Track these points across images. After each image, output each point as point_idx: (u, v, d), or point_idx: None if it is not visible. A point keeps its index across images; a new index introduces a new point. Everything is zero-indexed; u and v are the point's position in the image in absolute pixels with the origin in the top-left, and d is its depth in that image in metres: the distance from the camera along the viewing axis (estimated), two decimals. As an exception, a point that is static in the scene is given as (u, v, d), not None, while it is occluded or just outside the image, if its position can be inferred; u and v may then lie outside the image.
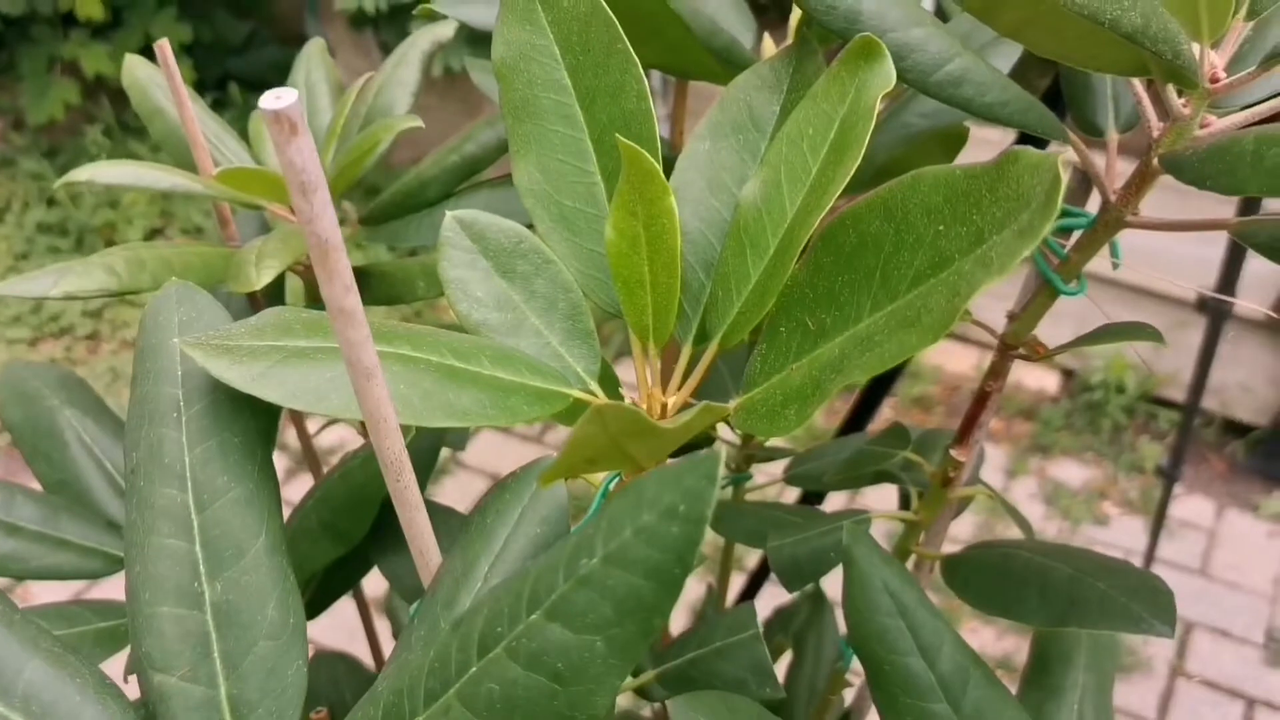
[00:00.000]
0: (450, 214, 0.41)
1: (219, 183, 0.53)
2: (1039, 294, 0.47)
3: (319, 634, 0.50)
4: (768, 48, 0.59)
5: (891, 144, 0.50)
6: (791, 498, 0.88)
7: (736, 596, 1.02)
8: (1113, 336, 0.43)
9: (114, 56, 2.86)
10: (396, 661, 0.35)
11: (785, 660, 0.76)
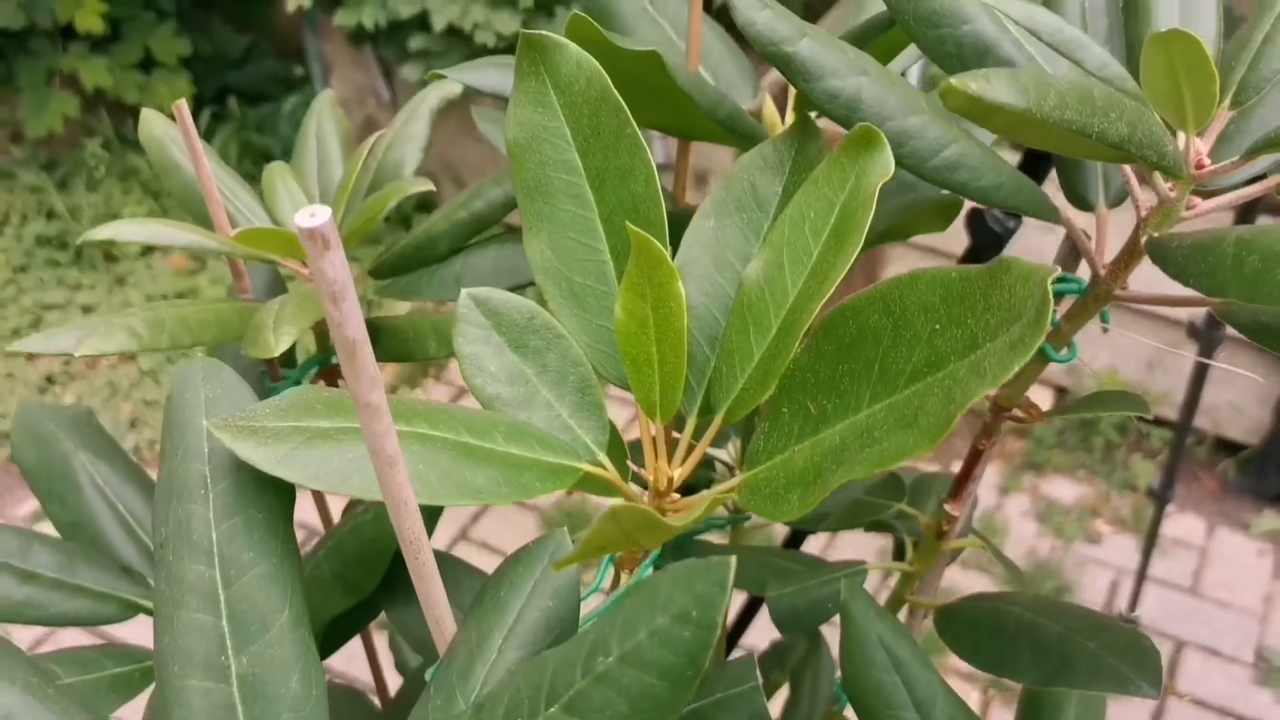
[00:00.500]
0: (466, 291, 0.42)
1: (238, 242, 0.55)
2: (1031, 360, 0.49)
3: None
4: (769, 108, 0.61)
5: (896, 211, 0.52)
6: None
7: (733, 621, 1.03)
8: (1103, 406, 0.45)
9: (113, 70, 2.88)
10: (414, 731, 0.37)
11: (781, 696, 0.78)
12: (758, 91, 0.65)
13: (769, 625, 0.83)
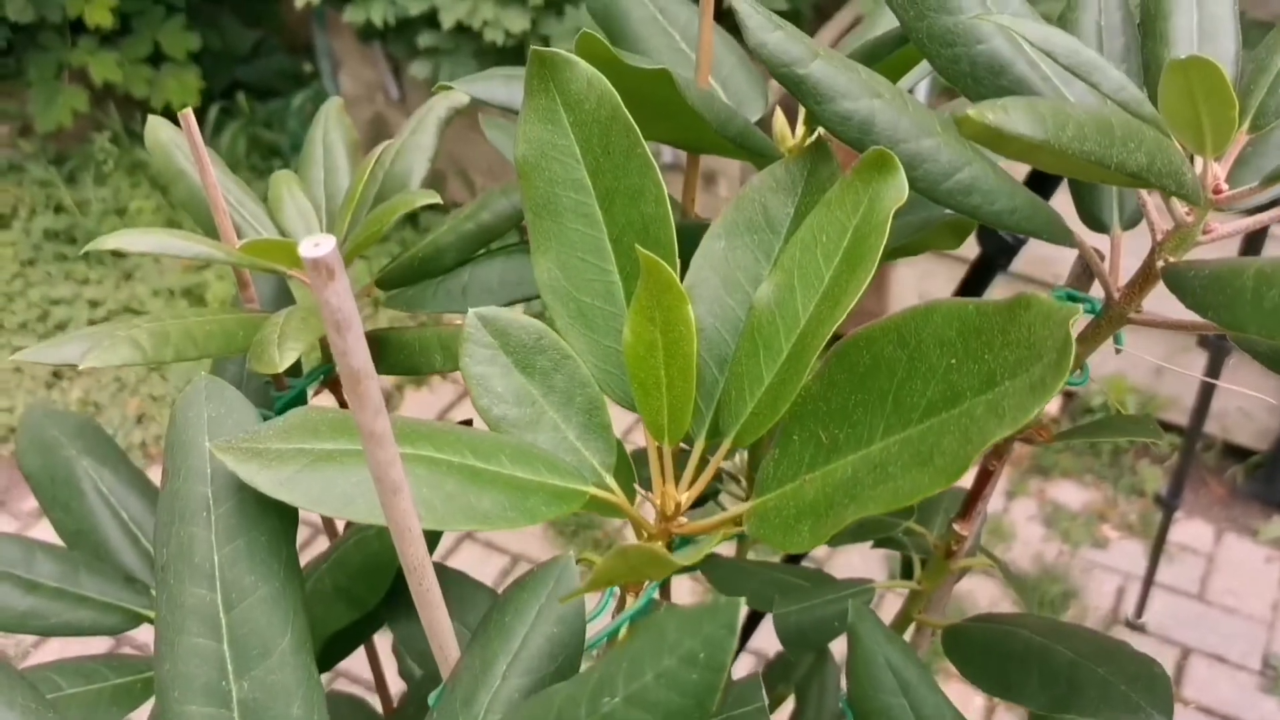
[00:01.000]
0: (473, 311, 0.42)
1: (244, 253, 0.54)
2: (1043, 382, 0.48)
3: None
4: (779, 122, 0.60)
5: (908, 229, 0.51)
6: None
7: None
8: (1116, 431, 0.44)
9: (122, 64, 2.88)
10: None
11: (786, 708, 0.78)
12: (768, 102, 0.64)
13: (770, 639, 0.83)
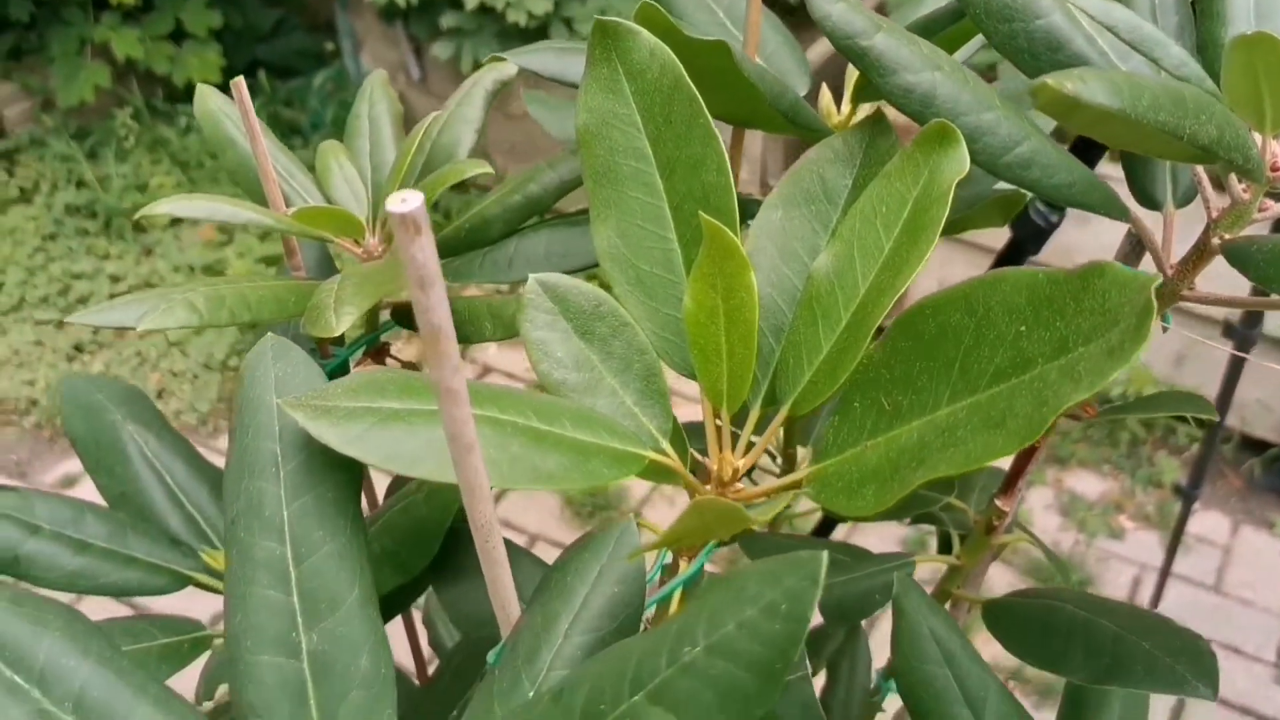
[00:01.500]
0: (533, 277, 0.43)
1: (295, 220, 0.55)
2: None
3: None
4: (826, 98, 0.61)
5: (961, 205, 0.51)
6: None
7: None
8: (1166, 406, 0.45)
9: (144, 40, 2.89)
10: (476, 714, 0.37)
11: (817, 684, 0.78)
12: (810, 80, 0.64)
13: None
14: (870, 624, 0.50)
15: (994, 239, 0.83)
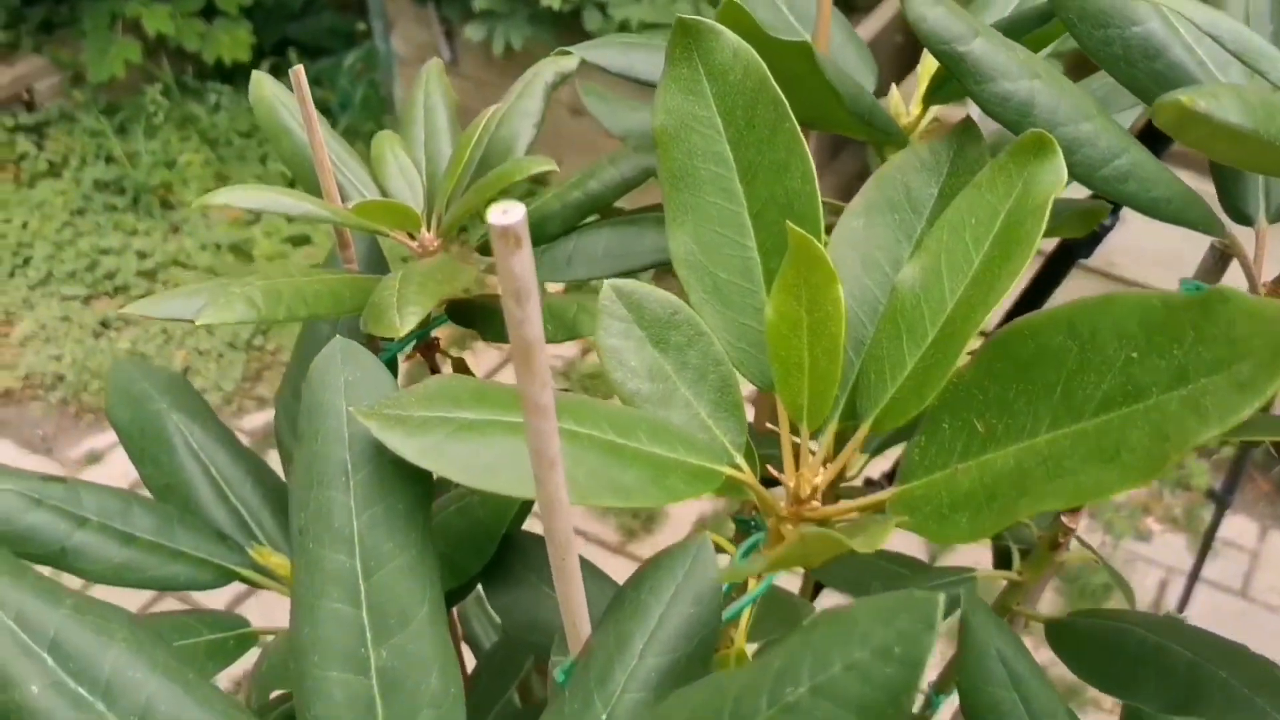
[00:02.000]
0: (609, 283, 0.41)
1: (355, 215, 0.54)
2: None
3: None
4: (896, 99, 0.59)
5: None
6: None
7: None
8: (1256, 431, 0.43)
9: (175, 16, 2.88)
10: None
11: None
12: (878, 79, 0.63)
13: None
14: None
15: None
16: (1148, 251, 1.96)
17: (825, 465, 0.41)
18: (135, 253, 2.64)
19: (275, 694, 0.55)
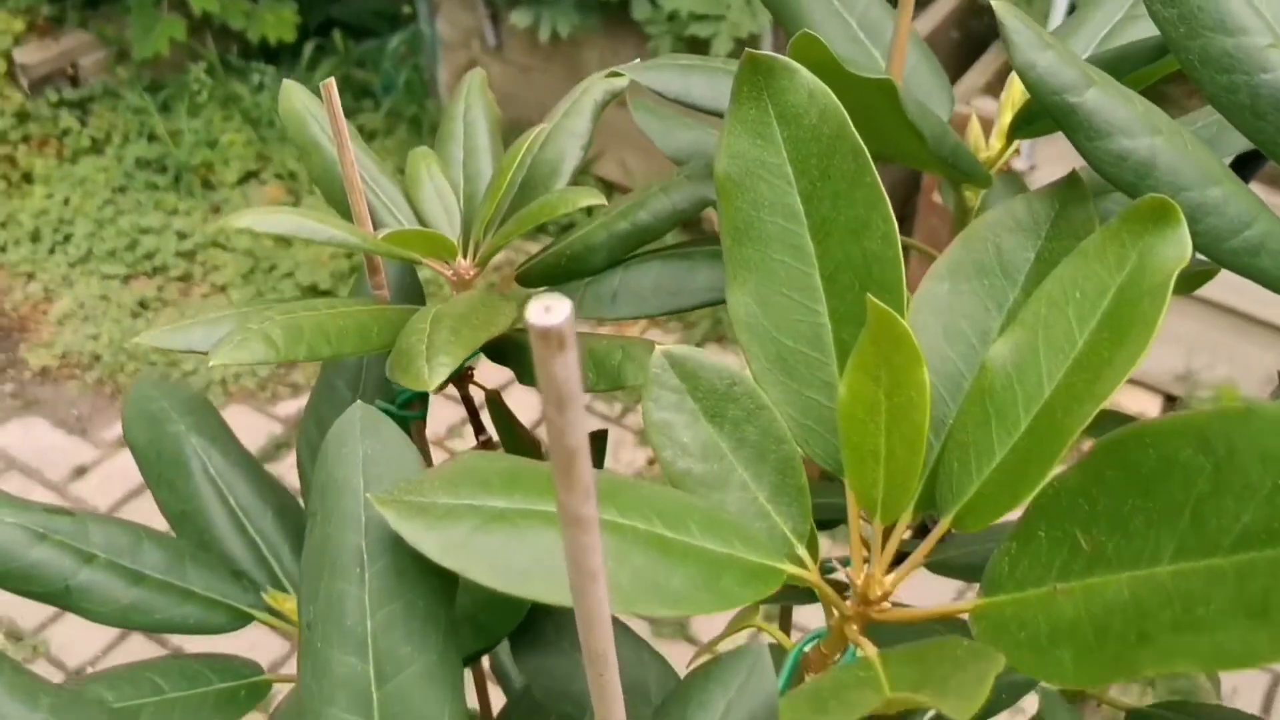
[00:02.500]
0: (661, 349, 0.37)
1: (386, 243, 0.50)
2: None
3: None
4: (975, 130, 0.54)
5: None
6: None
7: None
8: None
9: (221, -5, 2.86)
10: None
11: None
12: (953, 104, 0.58)
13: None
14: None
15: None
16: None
17: (895, 564, 0.37)
18: (175, 233, 2.62)
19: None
